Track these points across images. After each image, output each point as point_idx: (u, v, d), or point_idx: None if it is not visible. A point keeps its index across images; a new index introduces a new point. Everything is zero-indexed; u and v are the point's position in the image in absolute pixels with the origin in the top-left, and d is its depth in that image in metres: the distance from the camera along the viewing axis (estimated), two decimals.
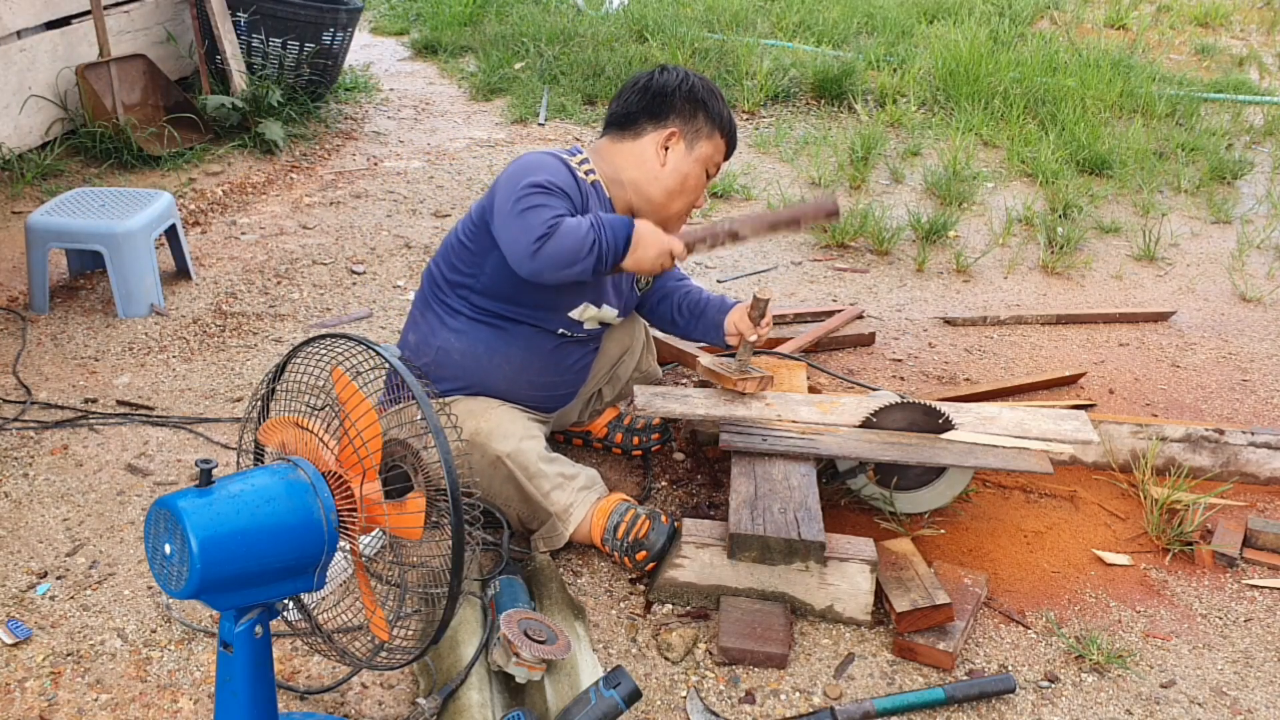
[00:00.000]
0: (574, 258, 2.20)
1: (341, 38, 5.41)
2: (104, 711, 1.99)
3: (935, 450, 2.53)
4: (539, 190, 2.24)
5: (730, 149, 2.52)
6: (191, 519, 1.47)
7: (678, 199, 2.47)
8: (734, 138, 2.52)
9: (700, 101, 2.44)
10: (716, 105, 2.46)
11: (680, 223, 2.53)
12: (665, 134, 2.43)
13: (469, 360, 2.47)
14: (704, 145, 2.45)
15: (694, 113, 2.44)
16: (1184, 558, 2.58)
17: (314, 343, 1.70)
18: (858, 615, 2.28)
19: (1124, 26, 8.44)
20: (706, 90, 2.46)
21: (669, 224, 2.49)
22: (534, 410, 2.57)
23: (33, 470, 2.68)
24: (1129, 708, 2.13)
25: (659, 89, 2.44)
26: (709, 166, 2.48)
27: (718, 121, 2.46)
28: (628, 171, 2.45)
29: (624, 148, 2.47)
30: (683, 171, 2.45)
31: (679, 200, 2.48)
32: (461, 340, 2.46)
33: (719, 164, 2.51)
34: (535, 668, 1.98)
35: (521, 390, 2.52)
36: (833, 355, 3.47)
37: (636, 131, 2.46)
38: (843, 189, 5.01)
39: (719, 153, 2.49)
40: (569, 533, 2.39)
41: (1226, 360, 3.61)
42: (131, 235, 3.38)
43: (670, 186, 2.45)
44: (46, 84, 4.51)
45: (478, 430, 2.36)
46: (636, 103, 2.46)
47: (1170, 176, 5.33)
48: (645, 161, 2.44)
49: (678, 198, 2.47)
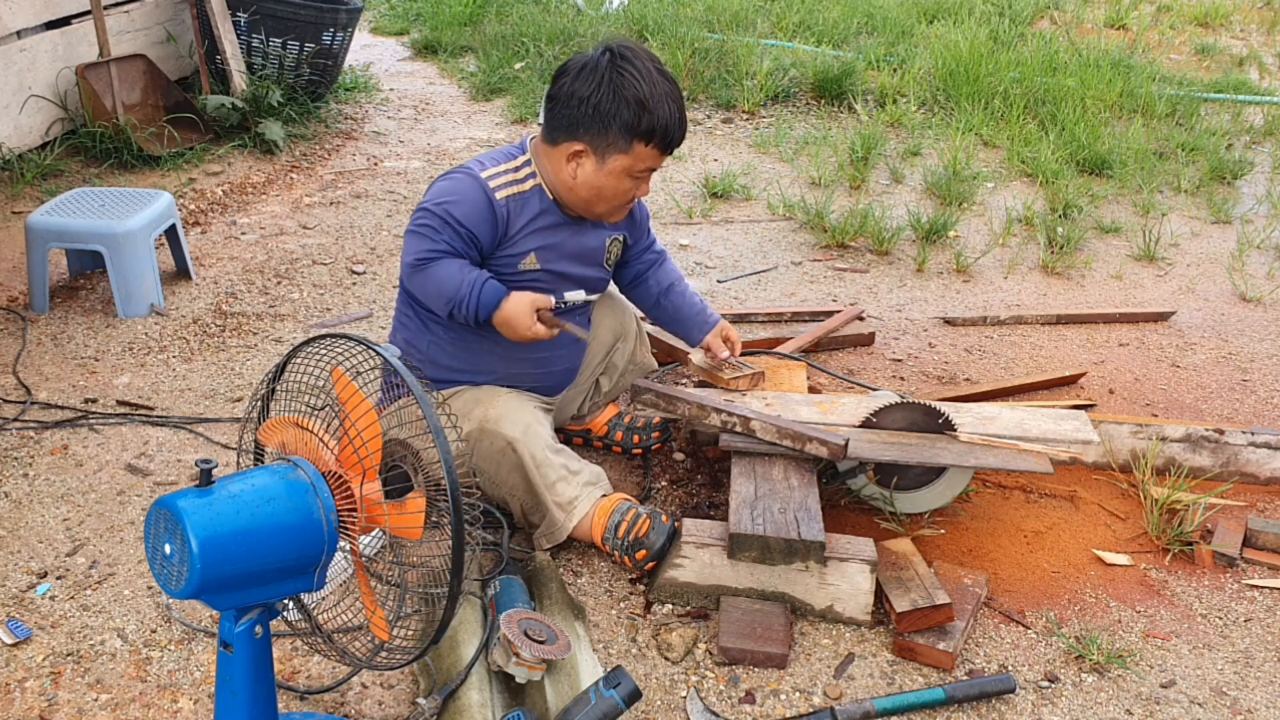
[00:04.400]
0: (436, 299, 2.36)
1: (341, 38, 5.41)
2: (104, 711, 1.99)
3: (935, 450, 2.53)
4: (430, 217, 2.32)
5: (665, 150, 2.33)
6: (191, 519, 1.47)
7: (598, 204, 2.39)
8: (668, 139, 2.31)
9: (609, 117, 2.25)
10: (631, 116, 2.25)
11: (618, 215, 2.46)
12: (571, 150, 2.31)
13: (462, 350, 2.47)
14: (619, 159, 2.30)
15: (603, 129, 2.27)
16: (1184, 558, 2.58)
17: (314, 343, 1.70)
18: (858, 615, 2.28)
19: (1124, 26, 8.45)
20: (618, 101, 2.24)
21: (603, 219, 2.47)
22: (538, 394, 2.57)
23: (33, 470, 2.68)
24: (1129, 708, 2.13)
25: (567, 99, 2.28)
26: (633, 174, 2.33)
27: (634, 134, 2.27)
28: (552, 176, 2.39)
29: (547, 152, 2.38)
30: (595, 185, 2.34)
31: (600, 206, 2.40)
32: (450, 332, 2.47)
33: (648, 167, 2.34)
34: (535, 668, 1.98)
35: (521, 371, 2.52)
36: (833, 355, 3.47)
37: (553, 139, 2.34)
38: (843, 189, 5.01)
39: (643, 160, 2.31)
40: (571, 526, 2.39)
41: (1226, 360, 3.61)
42: (131, 235, 3.38)
43: (585, 197, 2.37)
44: (46, 84, 4.51)
45: (486, 417, 2.36)
46: (552, 110, 2.33)
47: (1170, 176, 5.33)
48: (560, 171, 2.35)
49: (598, 204, 2.39)
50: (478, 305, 2.32)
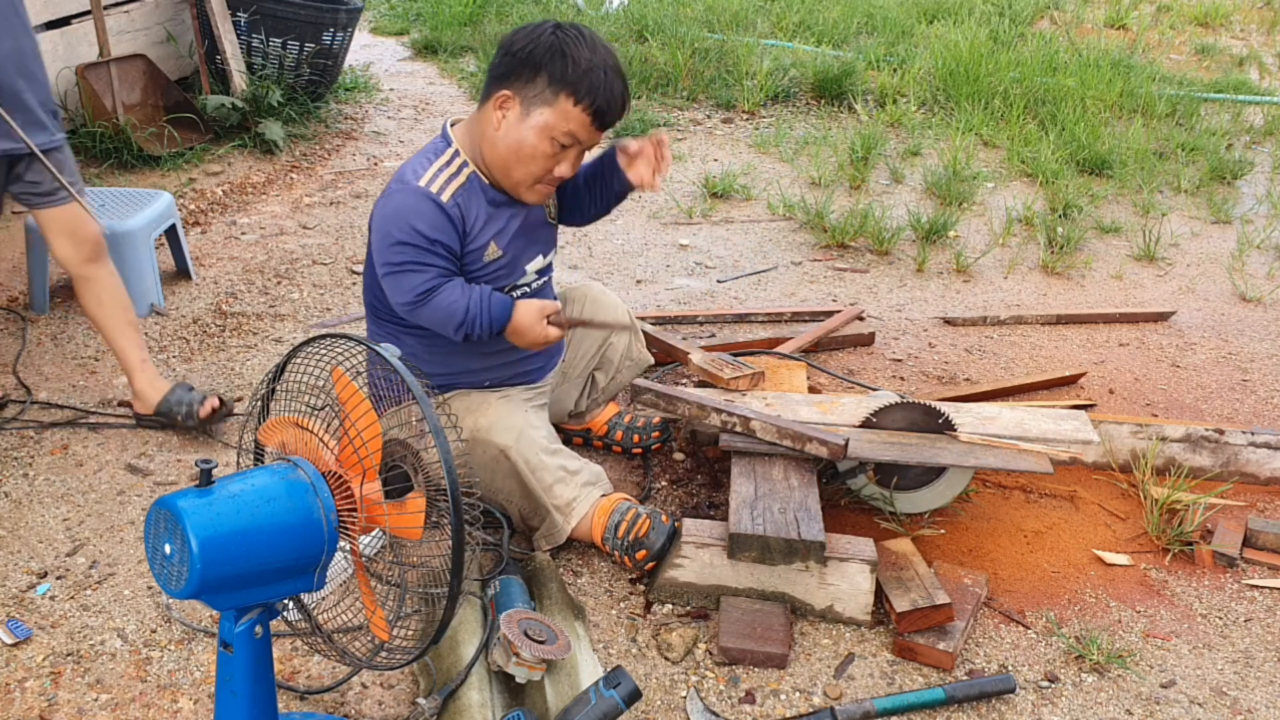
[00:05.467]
0: (446, 327, 2.31)
1: (341, 38, 5.41)
2: (104, 711, 1.99)
3: (935, 450, 2.53)
4: (406, 248, 2.23)
5: (598, 119, 2.22)
6: (191, 519, 1.47)
7: (515, 168, 2.27)
8: (596, 105, 2.19)
9: (539, 63, 2.17)
10: (562, 67, 2.17)
11: (533, 192, 2.33)
12: (500, 96, 2.23)
13: (438, 352, 2.44)
14: (543, 113, 2.20)
15: (533, 75, 2.19)
16: (1184, 558, 2.58)
17: (314, 343, 1.70)
18: (858, 615, 2.28)
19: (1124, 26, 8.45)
20: (553, 52, 2.17)
21: (519, 192, 2.33)
22: (525, 385, 2.56)
23: (33, 470, 2.68)
24: (1129, 708, 2.13)
25: (505, 48, 2.23)
26: (557, 135, 2.22)
27: (561, 85, 2.17)
28: (479, 143, 2.31)
29: (478, 115, 2.31)
30: (516, 139, 2.23)
31: (517, 169, 2.27)
32: (423, 340, 2.42)
33: (571, 132, 2.22)
34: (535, 668, 1.98)
35: (501, 364, 2.50)
36: (833, 355, 3.47)
37: (486, 94, 2.28)
38: (843, 189, 5.01)
39: (570, 121, 2.20)
40: (570, 528, 2.38)
41: (1226, 360, 3.61)
42: (131, 235, 3.38)
43: (504, 154, 2.26)
44: None
45: (477, 426, 2.35)
46: (492, 64, 2.27)
47: (1170, 176, 5.33)
48: (486, 126, 2.26)
49: (515, 166, 2.27)
50: (490, 321, 2.29)
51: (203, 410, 2.78)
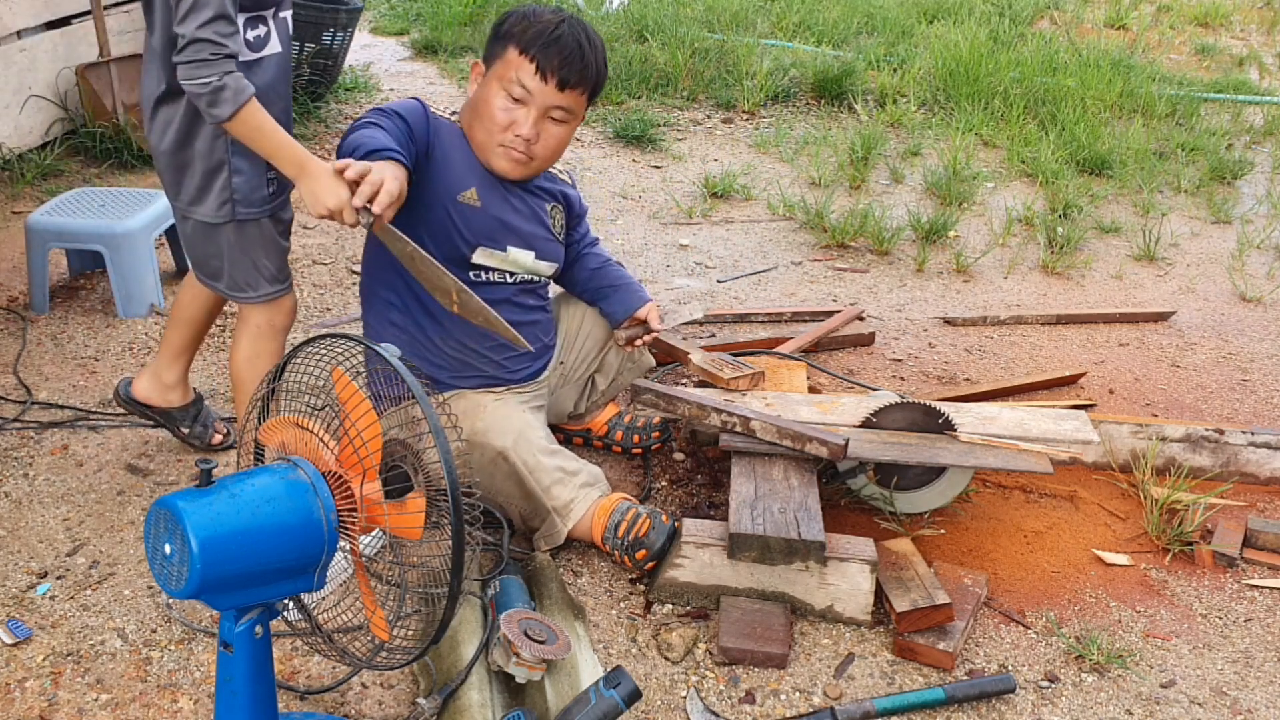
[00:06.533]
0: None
1: (341, 38, 5.41)
2: (104, 711, 1.99)
3: (935, 450, 2.53)
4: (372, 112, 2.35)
5: (542, 68, 2.32)
6: (191, 519, 1.47)
7: (478, 126, 2.41)
8: (540, 51, 2.31)
9: (507, 33, 2.36)
10: (520, 27, 2.34)
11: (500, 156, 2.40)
12: (474, 67, 2.45)
13: (420, 351, 2.47)
14: (498, 66, 2.37)
15: (498, 42, 2.38)
16: (1184, 558, 2.58)
17: (314, 343, 1.70)
18: (858, 615, 2.28)
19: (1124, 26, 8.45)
20: (519, 20, 2.36)
21: (487, 157, 2.42)
22: (517, 383, 2.56)
23: (33, 470, 2.68)
24: (1129, 708, 2.14)
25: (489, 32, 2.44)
26: (509, 86, 2.34)
27: (511, 38, 2.34)
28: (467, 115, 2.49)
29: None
30: (478, 98, 2.41)
31: (480, 128, 2.40)
32: (404, 334, 2.47)
33: (519, 81, 2.33)
34: (535, 668, 1.98)
35: (481, 361, 2.50)
36: (833, 355, 3.47)
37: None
38: (843, 189, 5.01)
39: (515, 68, 2.33)
40: (569, 529, 2.39)
41: (1226, 360, 3.61)
42: (131, 235, 3.38)
43: (469, 116, 2.44)
44: (46, 84, 4.51)
45: (475, 428, 2.36)
46: None
47: (1170, 176, 5.33)
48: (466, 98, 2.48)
49: (478, 125, 2.41)
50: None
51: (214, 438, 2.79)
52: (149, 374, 2.73)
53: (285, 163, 2.17)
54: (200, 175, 2.29)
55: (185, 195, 2.33)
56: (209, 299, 2.65)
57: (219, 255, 2.38)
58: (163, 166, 2.34)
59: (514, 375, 2.57)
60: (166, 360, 2.71)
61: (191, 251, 2.44)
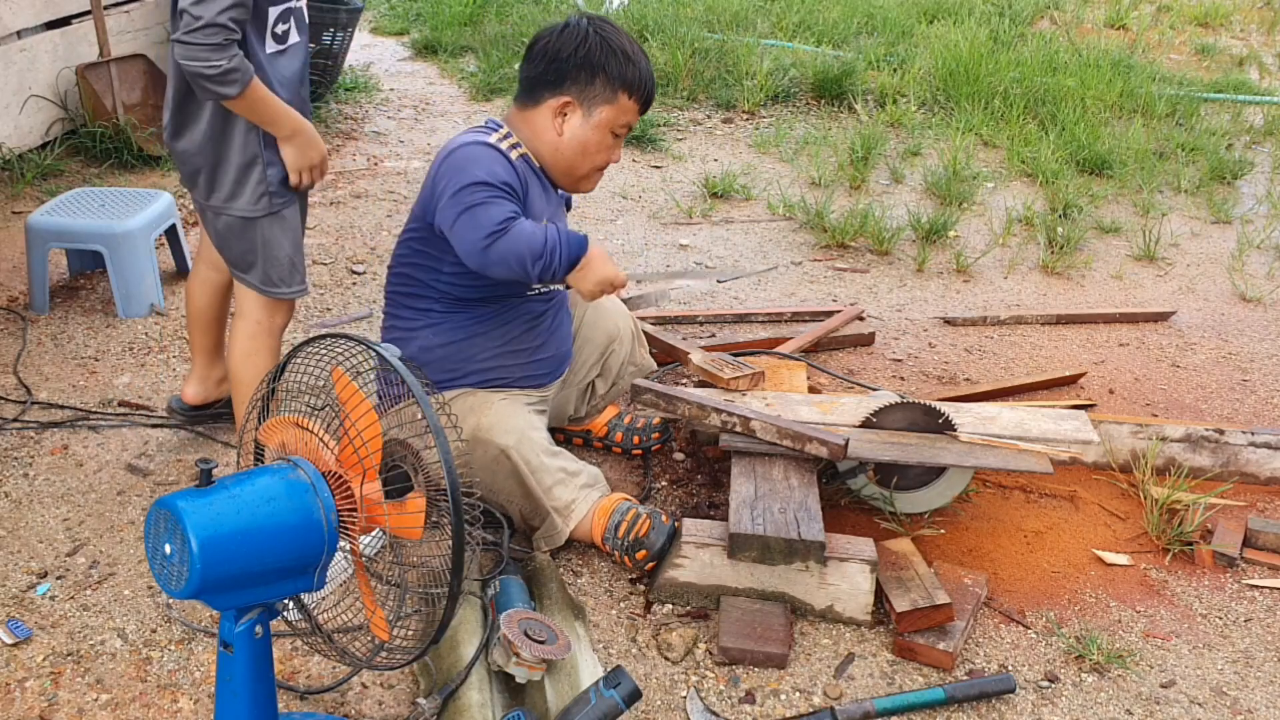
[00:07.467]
0: (522, 262, 2.23)
1: (341, 38, 5.41)
2: (104, 711, 1.99)
3: (935, 450, 2.53)
4: (484, 186, 2.27)
5: (644, 106, 2.43)
6: (191, 519, 1.47)
7: (581, 164, 2.44)
8: (646, 93, 2.41)
9: (597, 66, 2.34)
10: (618, 66, 2.35)
11: (590, 181, 2.50)
12: (559, 103, 2.37)
13: (452, 350, 2.46)
14: (604, 111, 2.37)
15: (590, 78, 2.35)
16: (1184, 558, 2.58)
17: (314, 343, 1.70)
18: (858, 615, 2.28)
19: (1124, 26, 8.44)
20: (605, 51, 2.34)
21: (579, 185, 2.50)
22: (531, 388, 2.56)
23: (33, 470, 2.68)
24: (1129, 708, 2.14)
25: (553, 55, 2.36)
26: (614, 129, 2.40)
27: (619, 83, 2.36)
28: (533, 140, 2.43)
29: (527, 116, 2.43)
30: (581, 139, 2.39)
31: (583, 165, 2.44)
32: (440, 334, 2.46)
33: (628, 124, 2.42)
34: (535, 668, 1.98)
35: (511, 366, 2.51)
36: (833, 355, 3.47)
37: (536, 99, 2.40)
38: (843, 189, 5.01)
39: (625, 114, 2.39)
40: (569, 530, 2.39)
41: (1226, 360, 3.61)
42: (131, 235, 3.38)
43: (570, 155, 2.41)
44: (47, 84, 4.51)
45: (479, 426, 2.36)
46: (534, 69, 2.40)
47: (1170, 176, 5.33)
48: (545, 130, 2.40)
49: (581, 163, 2.43)
50: (568, 250, 2.26)
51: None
52: (195, 381, 2.79)
53: (283, 126, 2.28)
54: (236, 169, 2.32)
55: (221, 192, 2.35)
56: (217, 293, 2.68)
57: (253, 250, 2.41)
58: (191, 165, 2.35)
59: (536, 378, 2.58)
60: (205, 362, 2.78)
61: (226, 250, 2.45)
